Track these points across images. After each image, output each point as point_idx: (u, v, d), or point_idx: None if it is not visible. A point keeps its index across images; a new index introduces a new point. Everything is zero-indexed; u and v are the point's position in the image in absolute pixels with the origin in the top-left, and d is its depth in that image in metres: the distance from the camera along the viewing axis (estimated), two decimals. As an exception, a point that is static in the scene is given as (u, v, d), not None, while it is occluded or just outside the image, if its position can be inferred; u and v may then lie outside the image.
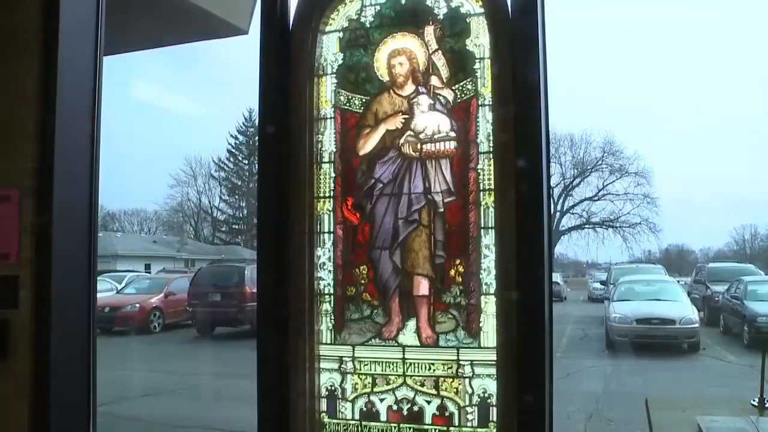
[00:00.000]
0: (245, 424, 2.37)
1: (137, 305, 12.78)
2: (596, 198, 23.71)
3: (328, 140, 2.23)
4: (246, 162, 29.80)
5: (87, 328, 2.65)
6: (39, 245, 2.50)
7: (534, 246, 1.98)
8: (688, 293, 12.84)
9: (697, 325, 10.70)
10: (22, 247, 2.49)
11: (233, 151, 30.42)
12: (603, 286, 15.56)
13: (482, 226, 2.05)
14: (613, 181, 23.97)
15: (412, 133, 2.14)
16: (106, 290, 13.95)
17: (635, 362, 9.61)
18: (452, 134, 2.10)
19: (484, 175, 2.06)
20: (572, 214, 23.79)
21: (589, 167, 24.38)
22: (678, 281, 14.09)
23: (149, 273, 19.01)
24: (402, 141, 2.14)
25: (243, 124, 30.59)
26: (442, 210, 2.09)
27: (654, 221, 22.78)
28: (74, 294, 2.62)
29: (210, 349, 11.60)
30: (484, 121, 2.07)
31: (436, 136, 2.11)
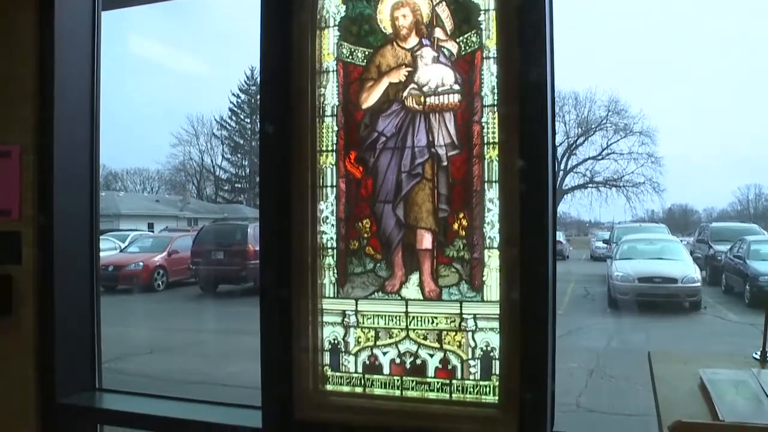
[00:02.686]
0: (249, 379, 2.39)
1: (141, 264, 12.84)
2: (600, 157, 23.54)
3: (330, 94, 2.19)
4: (248, 121, 29.62)
5: (90, 285, 2.66)
6: (41, 201, 2.49)
7: (538, 199, 1.97)
8: (690, 252, 12.84)
9: (699, 283, 10.73)
10: (23, 203, 2.49)
11: (235, 109, 30.22)
12: (605, 245, 15.57)
13: (486, 179, 2.03)
14: (618, 141, 23.77)
15: (415, 86, 2.11)
16: (109, 249, 14.01)
17: (637, 320, 9.66)
18: (456, 87, 2.07)
19: (488, 128, 2.03)
20: (575, 173, 23.66)
21: (593, 126, 24.18)
22: (681, 241, 14.08)
23: (152, 232, 19.08)
24: (405, 94, 2.11)
25: (245, 82, 30.33)
26: (445, 163, 2.07)
27: (658, 181, 22.65)
28: (77, 250, 2.62)
29: (213, 306, 11.69)
30: (489, 74, 2.04)
31: (439, 89, 2.08)
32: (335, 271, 2.16)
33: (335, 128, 2.18)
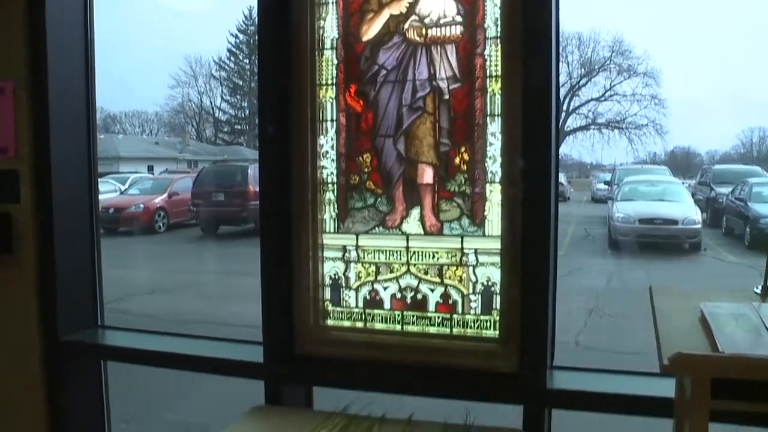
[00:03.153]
0: (251, 319, 2.40)
1: (141, 205, 12.85)
2: (603, 98, 23.29)
3: (330, 26, 2.14)
4: (247, 61, 29.27)
5: (90, 223, 2.65)
6: (37, 140, 2.46)
7: (540, 134, 1.94)
8: (692, 195, 12.83)
9: (699, 225, 10.75)
10: (19, 141, 2.45)
11: (234, 50, 29.84)
12: (607, 187, 15.55)
13: (488, 113, 2.00)
14: (621, 82, 23.48)
15: (416, 18, 2.05)
16: (109, 191, 14.01)
17: (637, 261, 9.71)
18: (458, 18, 2.01)
19: (490, 61, 1.99)
20: (578, 114, 23.45)
21: (596, 67, 23.86)
22: (682, 183, 14.05)
23: (152, 174, 19.04)
24: (406, 26, 2.06)
25: (243, 22, 29.87)
26: (447, 97, 2.03)
27: (661, 123, 22.47)
28: (76, 189, 2.60)
29: (214, 247, 11.75)
30: (492, 5, 1.98)
31: (441, 21, 2.03)
32: (335, 207, 2.15)
33: (335, 61, 2.13)
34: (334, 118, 2.14)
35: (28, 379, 2.53)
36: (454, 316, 2.06)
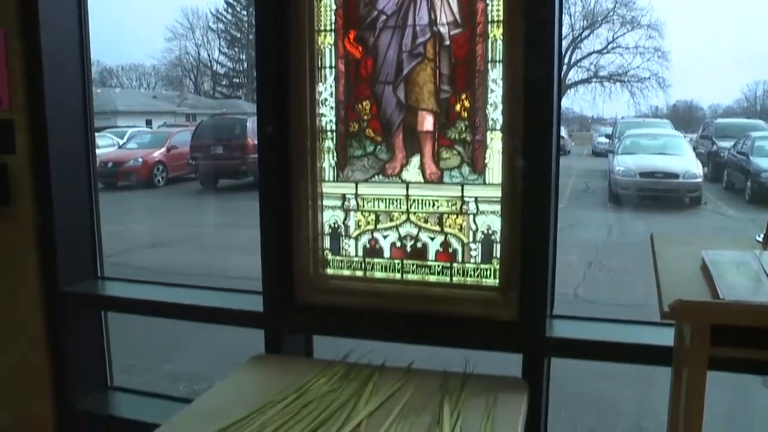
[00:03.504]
0: (251, 272, 2.40)
1: (140, 159, 12.78)
2: (605, 51, 22.93)
3: (328, -30, 2.09)
4: (245, 13, 28.82)
5: (88, 173, 2.63)
6: (31, 91, 2.43)
7: (542, 82, 1.91)
8: (693, 149, 12.75)
9: (700, 179, 10.70)
10: (13, 91, 2.42)
11: (231, 1, 29.40)
12: (608, 140, 15.46)
13: (489, 59, 1.96)
14: (624, 34, 23.10)
15: (417, -39, 2.00)
16: (108, 146, 13.93)
17: (637, 214, 9.71)
18: (460, -39, 1.97)
19: (492, 6, 1.94)
20: (579, 67, 23.12)
21: (599, 19, 23.47)
22: (684, 137, 13.95)
23: (150, 128, 18.92)
24: (406, -31, 2.01)
25: (240, -29, 29.37)
26: (447, 43, 1.99)
27: (663, 76, 22.21)
28: (72, 141, 2.57)
29: (214, 201, 11.74)
30: (494, -53, 1.93)
31: (442, -36, 1.98)
32: (335, 155, 2.13)
33: (334, 6, 2.09)
34: (333, 65, 2.10)
35: (30, 330, 2.54)
36: (454, 264, 2.05)
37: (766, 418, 3.81)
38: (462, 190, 2.02)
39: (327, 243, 2.17)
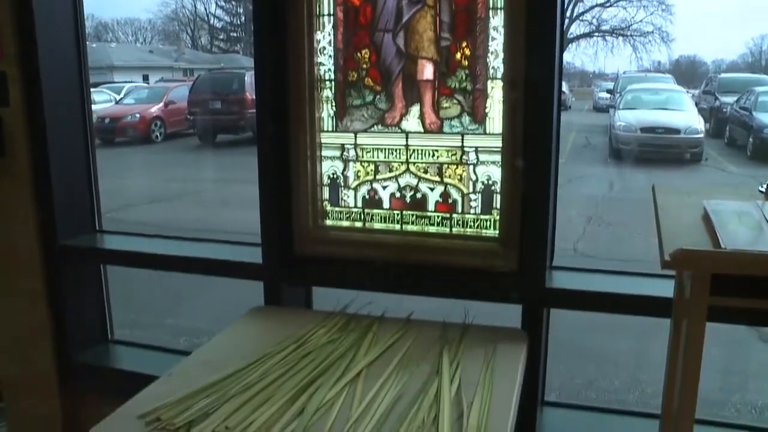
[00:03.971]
0: (250, 227, 2.39)
1: (137, 115, 12.65)
2: (608, 4, 22.58)
3: None
4: (242, -37, 28.32)
5: (84, 129, 2.60)
6: (23, 42, 2.38)
7: (544, 31, 1.86)
8: (696, 104, 12.63)
9: (701, 135, 10.62)
10: (4, 41, 2.37)
11: (227, -47, 28.86)
12: (609, 95, 15.30)
13: (490, 6, 1.91)
14: (628, -14, 22.75)
15: None
16: (104, 101, 13.80)
17: (637, 170, 9.67)
18: None
19: (494, -49, 1.90)
20: (582, 21, 22.78)
21: (602, -30, 23.07)
22: (687, 92, 13.80)
23: (147, 84, 18.73)
24: None
25: None
26: (448, -11, 1.95)
27: (667, 30, 21.90)
28: (67, 93, 2.54)
29: (212, 156, 11.68)
30: None
31: None
32: (333, 104, 2.09)
33: (332, -48, 2.04)
34: (332, 12, 2.05)
35: (30, 283, 2.54)
36: (454, 215, 2.04)
37: (761, 371, 3.85)
38: (462, 139, 1.99)
39: (326, 194, 2.16)
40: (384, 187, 2.09)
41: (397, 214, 2.09)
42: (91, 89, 2.75)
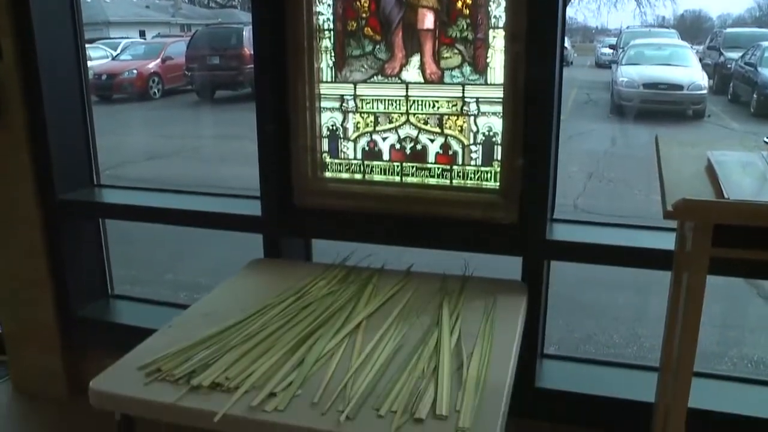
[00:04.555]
0: (250, 183, 2.37)
1: (134, 71, 12.49)
2: (613, -44, 22.21)
3: None
4: None
5: (80, 84, 2.56)
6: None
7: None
8: (700, 60, 12.46)
9: (705, 91, 10.50)
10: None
11: None
12: (611, 51, 15.10)
13: (493, -47, 1.87)
14: (633, -62, 22.34)
15: None
16: (101, 57, 13.62)
17: (639, 126, 9.60)
18: None
19: None
20: (585, -27, 22.46)
21: None
22: (691, 48, 13.61)
23: (144, 39, 18.49)
24: None
25: None
26: (450, -67, 1.90)
27: (673, -17, 21.55)
28: (61, 46, 2.49)
29: (211, 112, 11.58)
30: None
31: None
32: (332, 55, 2.06)
33: None
34: (331, -41, 2.01)
35: (29, 238, 2.53)
36: (454, 167, 2.02)
37: (758, 326, 3.87)
38: (463, 90, 1.96)
39: (325, 146, 2.13)
40: (384, 139, 2.06)
41: (397, 166, 2.07)
42: (88, 45, 2.70)
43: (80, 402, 2.63)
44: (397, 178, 2.08)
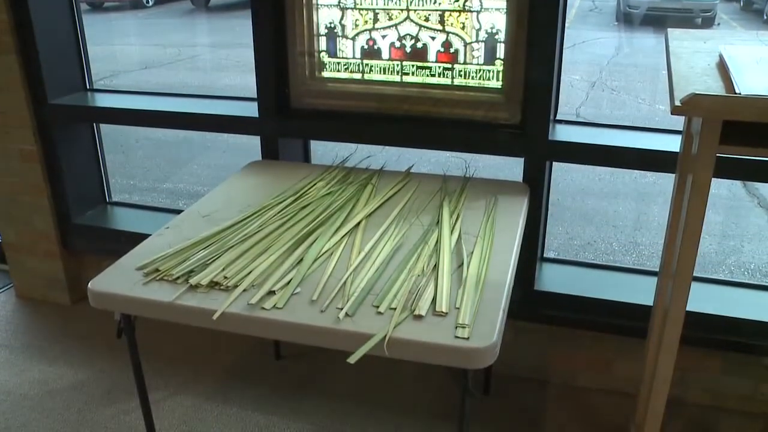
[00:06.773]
0: (248, 92, 2.32)
1: (128, -22, 12.15)
2: None
3: None
4: None
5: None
6: None
7: None
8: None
9: (716, -3, 10.19)
10: None
11: None
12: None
13: None
14: None
15: None
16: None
17: (645, 35, 9.37)
18: None
19: None
20: None
21: None
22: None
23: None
24: None
25: None
26: None
27: None
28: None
29: (206, 20, 11.30)
30: None
31: None
32: (329, -53, 1.97)
33: None
34: None
35: (22, 145, 2.49)
36: (456, 65, 1.96)
37: (757, 234, 3.88)
38: (465, -16, 1.88)
39: (323, 44, 2.06)
40: (383, 37, 1.99)
41: (397, 65, 2.01)
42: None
43: (82, 307, 2.67)
44: (397, 78, 2.02)
